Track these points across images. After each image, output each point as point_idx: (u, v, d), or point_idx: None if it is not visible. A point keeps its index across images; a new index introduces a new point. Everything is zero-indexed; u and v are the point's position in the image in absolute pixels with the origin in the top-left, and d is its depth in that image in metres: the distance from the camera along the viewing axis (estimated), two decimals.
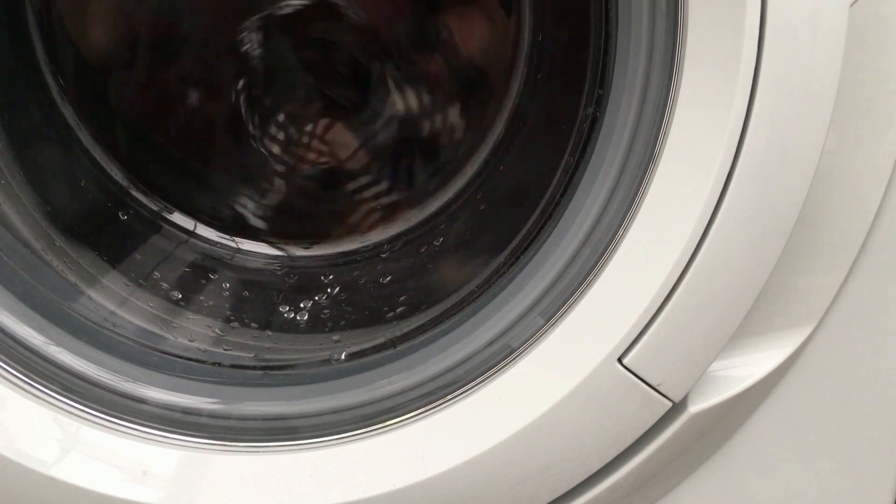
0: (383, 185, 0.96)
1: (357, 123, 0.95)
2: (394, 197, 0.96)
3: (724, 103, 0.56)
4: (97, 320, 0.76)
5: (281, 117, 0.94)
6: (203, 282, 0.90)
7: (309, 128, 0.95)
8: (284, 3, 0.90)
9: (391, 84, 0.93)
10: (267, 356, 0.80)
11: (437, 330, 0.73)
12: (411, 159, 0.96)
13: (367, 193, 0.96)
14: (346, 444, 0.64)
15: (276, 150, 0.94)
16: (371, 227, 0.95)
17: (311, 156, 0.95)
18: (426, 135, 0.95)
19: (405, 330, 0.77)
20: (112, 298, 0.81)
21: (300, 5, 0.90)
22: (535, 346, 0.62)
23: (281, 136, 0.94)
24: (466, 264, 0.85)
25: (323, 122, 0.94)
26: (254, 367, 0.77)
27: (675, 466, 0.70)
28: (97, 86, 0.92)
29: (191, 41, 0.91)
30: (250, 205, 0.96)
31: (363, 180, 0.96)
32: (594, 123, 0.66)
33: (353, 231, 0.95)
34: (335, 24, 0.90)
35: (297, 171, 0.96)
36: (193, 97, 0.93)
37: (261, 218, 0.96)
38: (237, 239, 0.94)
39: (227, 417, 0.69)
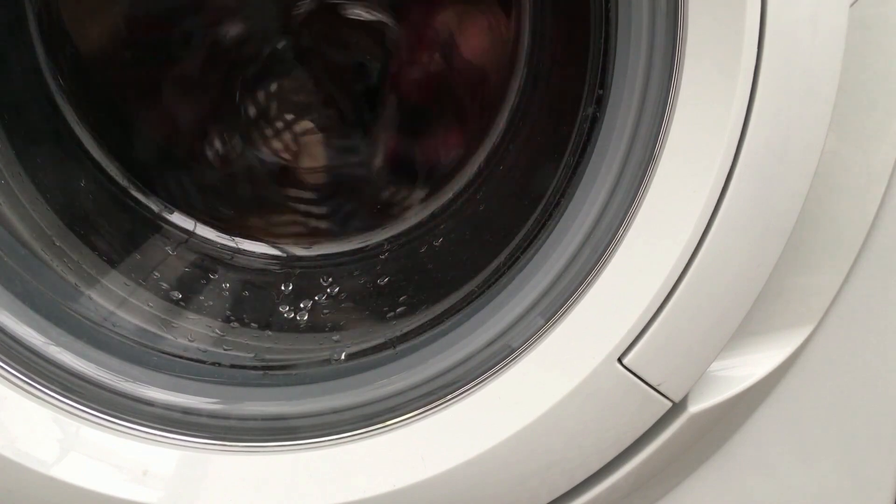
0: (383, 186, 0.96)
1: (358, 126, 0.94)
2: (393, 197, 0.96)
3: (724, 103, 0.56)
4: (97, 320, 0.76)
5: (282, 118, 0.94)
6: (203, 282, 0.90)
7: (310, 129, 0.95)
8: (286, 3, 0.90)
9: (391, 85, 0.93)
10: (267, 356, 0.80)
11: (437, 330, 0.73)
12: (412, 159, 0.96)
13: (367, 194, 0.96)
14: (346, 444, 0.64)
15: (276, 150, 0.94)
16: (370, 228, 0.95)
17: (312, 157, 0.95)
18: (427, 135, 0.95)
19: (405, 330, 0.77)
20: (112, 298, 0.81)
21: (301, 6, 0.90)
22: (535, 346, 0.62)
23: (282, 136, 0.94)
24: (466, 264, 0.85)
25: (324, 123, 0.94)
26: (254, 367, 0.77)
27: (675, 466, 0.70)
28: (97, 85, 0.92)
29: (192, 41, 0.91)
30: (250, 205, 0.96)
31: (363, 181, 0.96)
32: (594, 123, 0.66)
33: (352, 231, 0.95)
34: (335, 25, 0.90)
35: (298, 172, 0.95)
36: (193, 97, 0.93)
37: (260, 218, 0.96)
38: (237, 239, 0.94)
39: (226, 417, 0.69)
